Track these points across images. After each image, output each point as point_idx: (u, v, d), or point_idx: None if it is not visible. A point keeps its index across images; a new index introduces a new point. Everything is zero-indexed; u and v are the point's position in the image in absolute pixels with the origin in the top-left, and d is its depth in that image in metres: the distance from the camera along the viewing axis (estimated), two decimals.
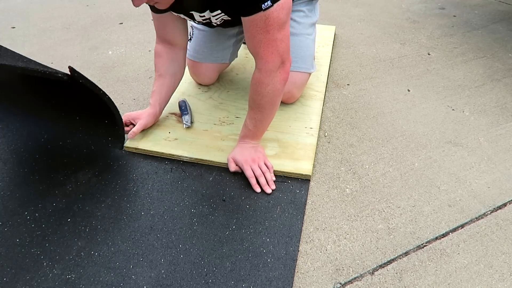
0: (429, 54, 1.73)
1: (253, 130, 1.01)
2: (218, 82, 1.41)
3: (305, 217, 0.94)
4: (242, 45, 1.53)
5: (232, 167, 1.01)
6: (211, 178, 1.02)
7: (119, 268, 0.78)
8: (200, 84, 1.40)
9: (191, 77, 1.40)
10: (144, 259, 0.80)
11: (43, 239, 0.84)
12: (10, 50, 0.99)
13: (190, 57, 1.30)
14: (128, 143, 1.11)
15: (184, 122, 1.18)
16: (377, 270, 0.83)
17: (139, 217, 0.89)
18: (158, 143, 1.11)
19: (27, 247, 0.82)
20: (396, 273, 0.82)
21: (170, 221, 0.88)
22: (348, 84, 1.50)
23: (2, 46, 1.00)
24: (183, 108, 1.23)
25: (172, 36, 1.09)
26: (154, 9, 1.01)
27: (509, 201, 1.00)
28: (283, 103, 1.28)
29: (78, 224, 0.87)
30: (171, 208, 0.92)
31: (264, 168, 1.00)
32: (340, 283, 0.80)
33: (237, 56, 1.37)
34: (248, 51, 1.51)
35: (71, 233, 0.85)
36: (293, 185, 1.00)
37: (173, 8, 0.95)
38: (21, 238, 0.84)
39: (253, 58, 1.29)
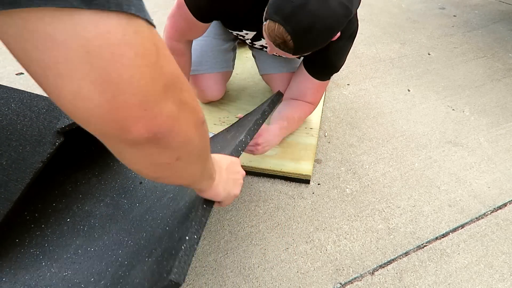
0: (429, 54, 1.73)
1: None
2: None
3: (305, 217, 0.94)
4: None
5: None
6: None
7: (110, 256, 0.77)
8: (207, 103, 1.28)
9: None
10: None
11: (43, 239, 0.84)
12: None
13: (193, 72, 1.16)
14: None
15: None
16: (377, 270, 0.83)
17: (134, 209, 0.89)
18: None
19: (27, 247, 0.82)
20: (396, 273, 0.82)
21: (160, 203, 0.88)
22: (348, 84, 1.50)
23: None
24: None
25: (198, 36, 1.05)
26: (204, 19, 0.93)
27: (509, 201, 1.00)
28: None
29: (77, 223, 0.87)
30: (166, 201, 0.91)
31: None
32: (340, 283, 0.80)
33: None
34: (248, 51, 1.52)
35: (70, 232, 0.85)
36: None
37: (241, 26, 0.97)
38: (21, 238, 0.84)
39: (252, 58, 1.30)
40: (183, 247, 0.50)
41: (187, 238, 0.52)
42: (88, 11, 0.24)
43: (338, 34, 0.79)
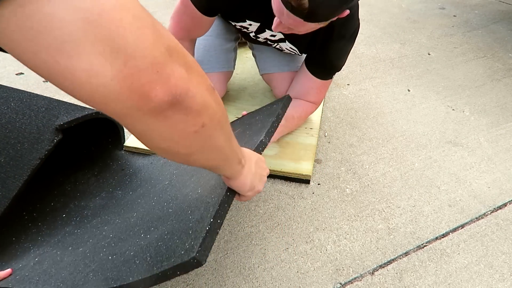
0: (429, 54, 1.73)
1: None
2: None
3: (305, 217, 0.94)
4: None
5: None
6: None
7: (94, 232, 0.77)
8: None
9: None
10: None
11: (38, 235, 0.84)
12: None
13: None
14: (128, 143, 1.11)
15: None
16: (377, 270, 0.83)
17: (127, 196, 0.89)
18: None
19: (21, 243, 0.82)
20: (396, 273, 0.82)
21: (154, 188, 0.88)
22: (348, 84, 1.50)
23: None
24: None
25: (203, 32, 1.04)
26: (208, 11, 0.93)
27: (509, 201, 1.00)
28: None
29: (71, 217, 0.88)
30: (161, 189, 0.91)
31: None
32: (340, 283, 0.80)
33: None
34: (248, 51, 1.52)
35: (63, 224, 0.86)
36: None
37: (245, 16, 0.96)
38: (17, 236, 0.84)
39: (253, 58, 1.30)
40: (207, 228, 0.50)
41: (211, 220, 0.51)
42: None
43: (347, 11, 0.76)
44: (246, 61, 1.54)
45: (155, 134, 0.34)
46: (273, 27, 0.82)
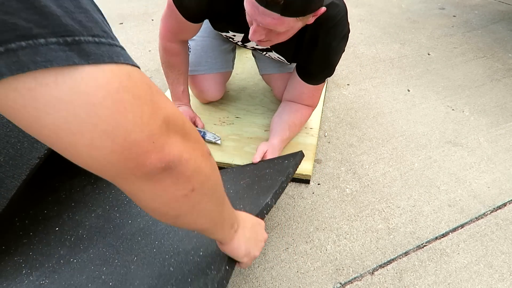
0: (429, 54, 1.73)
1: None
2: None
3: (305, 217, 0.94)
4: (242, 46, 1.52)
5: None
6: None
7: (93, 271, 0.75)
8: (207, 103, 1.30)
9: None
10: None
11: (28, 248, 0.81)
12: None
13: (193, 72, 1.17)
14: None
15: (214, 140, 1.11)
16: (377, 270, 0.83)
17: (125, 225, 0.86)
18: None
19: (12, 255, 0.80)
20: (396, 273, 0.83)
21: (156, 227, 0.85)
22: (348, 84, 1.50)
23: None
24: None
25: (190, 36, 1.06)
26: (192, 19, 0.94)
27: (509, 201, 1.00)
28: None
29: (65, 233, 0.85)
30: (163, 231, 0.89)
31: None
32: (340, 283, 0.80)
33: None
34: (248, 51, 1.52)
35: (56, 242, 0.83)
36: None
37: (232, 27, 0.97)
38: (8, 246, 0.82)
39: (253, 58, 1.30)
40: None
41: None
42: (86, 67, 0.26)
43: (324, 9, 0.75)
44: (246, 61, 1.54)
45: (146, 196, 0.35)
46: (249, 35, 0.80)
